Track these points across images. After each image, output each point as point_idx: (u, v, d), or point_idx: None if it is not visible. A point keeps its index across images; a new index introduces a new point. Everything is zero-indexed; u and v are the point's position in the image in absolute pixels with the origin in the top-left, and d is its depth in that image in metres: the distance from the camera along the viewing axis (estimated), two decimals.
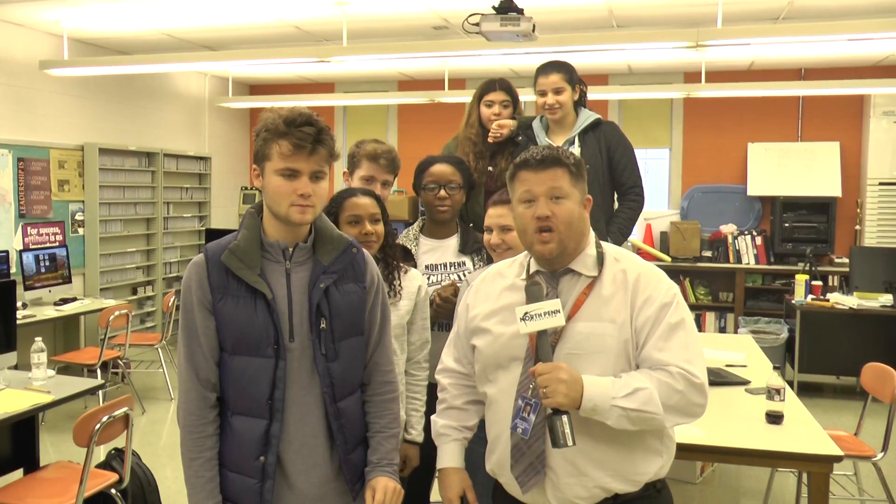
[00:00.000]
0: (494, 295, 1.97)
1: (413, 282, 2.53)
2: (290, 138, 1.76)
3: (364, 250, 2.01)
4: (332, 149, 1.83)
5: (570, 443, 1.68)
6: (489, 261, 2.63)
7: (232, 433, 1.86)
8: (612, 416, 1.71)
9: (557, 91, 3.27)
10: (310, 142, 1.77)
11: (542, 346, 1.76)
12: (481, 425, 2.38)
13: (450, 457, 2.04)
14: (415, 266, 2.71)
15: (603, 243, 1.94)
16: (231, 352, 1.84)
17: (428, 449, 2.67)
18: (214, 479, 1.86)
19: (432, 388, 2.54)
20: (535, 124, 3.38)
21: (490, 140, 3.36)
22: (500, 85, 3.42)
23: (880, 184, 7.56)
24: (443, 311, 2.73)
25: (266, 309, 1.81)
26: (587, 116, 3.33)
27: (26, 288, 5.89)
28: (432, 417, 2.11)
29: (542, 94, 3.29)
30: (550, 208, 1.83)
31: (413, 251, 2.86)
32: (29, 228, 6.43)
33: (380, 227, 2.44)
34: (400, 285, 2.49)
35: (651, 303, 1.80)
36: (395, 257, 2.51)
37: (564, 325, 1.80)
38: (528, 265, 1.95)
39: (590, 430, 1.77)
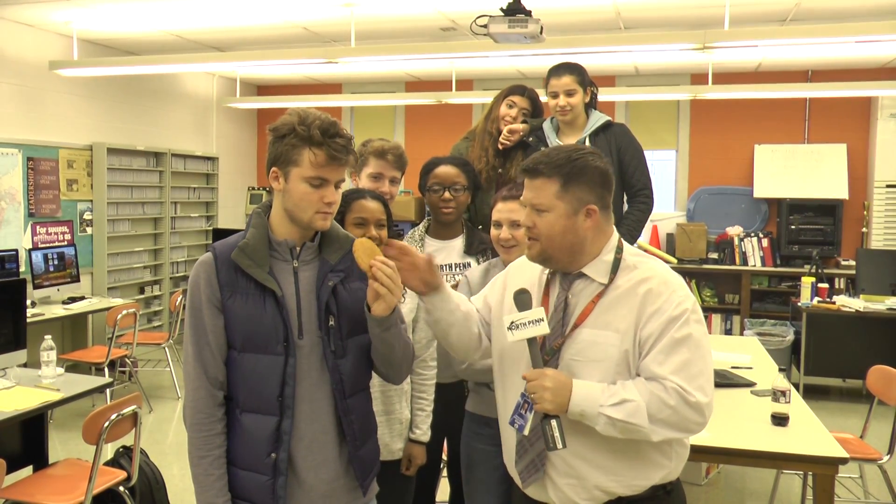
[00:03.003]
0: (527, 283, 1.97)
1: None
2: (326, 149, 1.79)
3: None
4: (356, 157, 1.89)
5: (559, 446, 1.72)
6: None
7: (242, 431, 1.87)
8: (600, 423, 1.73)
9: (569, 93, 3.28)
10: (344, 153, 1.81)
11: (533, 352, 1.80)
12: (479, 420, 2.41)
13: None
14: None
15: (627, 249, 1.92)
16: (240, 349, 1.86)
17: (434, 449, 2.69)
18: (223, 478, 1.87)
19: (439, 388, 2.56)
20: (546, 126, 3.39)
21: (499, 146, 3.37)
22: (529, 94, 3.46)
23: (887, 186, 7.54)
24: None
25: (275, 306, 1.83)
26: (598, 118, 3.34)
27: (35, 286, 5.92)
28: None
29: (554, 95, 3.30)
30: (532, 219, 1.86)
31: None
32: (38, 227, 6.46)
33: (383, 233, 2.44)
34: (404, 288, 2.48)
35: (659, 315, 1.78)
36: None
37: (572, 331, 1.82)
38: None
39: (588, 435, 1.78)
